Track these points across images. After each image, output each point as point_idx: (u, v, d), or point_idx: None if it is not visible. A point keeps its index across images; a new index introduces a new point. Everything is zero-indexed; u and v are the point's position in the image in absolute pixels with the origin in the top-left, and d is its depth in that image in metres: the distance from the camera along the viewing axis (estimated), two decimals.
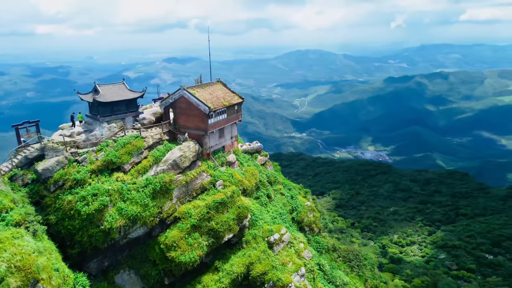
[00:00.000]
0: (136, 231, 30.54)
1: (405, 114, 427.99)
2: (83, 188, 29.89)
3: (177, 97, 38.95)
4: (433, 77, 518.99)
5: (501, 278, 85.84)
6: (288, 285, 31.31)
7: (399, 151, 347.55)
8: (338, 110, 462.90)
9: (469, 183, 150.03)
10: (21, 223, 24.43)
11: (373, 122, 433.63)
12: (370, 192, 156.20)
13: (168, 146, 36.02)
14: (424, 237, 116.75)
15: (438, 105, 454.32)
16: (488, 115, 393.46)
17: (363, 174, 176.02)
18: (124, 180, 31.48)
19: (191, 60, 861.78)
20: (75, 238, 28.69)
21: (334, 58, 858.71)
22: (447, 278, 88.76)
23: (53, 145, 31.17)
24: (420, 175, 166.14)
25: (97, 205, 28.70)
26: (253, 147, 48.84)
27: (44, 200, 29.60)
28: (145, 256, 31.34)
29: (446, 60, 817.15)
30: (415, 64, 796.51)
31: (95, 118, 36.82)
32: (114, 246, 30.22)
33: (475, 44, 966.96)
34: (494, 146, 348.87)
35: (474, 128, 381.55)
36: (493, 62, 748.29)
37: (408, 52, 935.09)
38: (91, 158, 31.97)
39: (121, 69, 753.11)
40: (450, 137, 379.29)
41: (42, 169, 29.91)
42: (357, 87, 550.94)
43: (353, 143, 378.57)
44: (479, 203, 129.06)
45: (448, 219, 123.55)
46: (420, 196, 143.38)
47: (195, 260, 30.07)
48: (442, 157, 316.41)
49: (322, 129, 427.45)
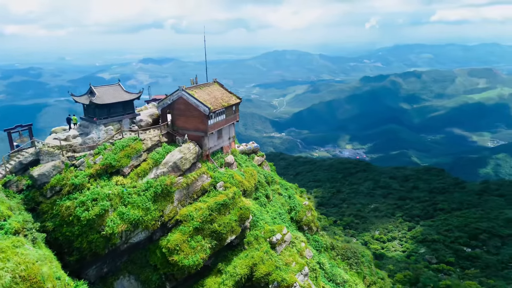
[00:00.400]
0: (137, 235, 30.10)
1: (381, 113, 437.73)
2: (81, 193, 29.15)
3: (175, 98, 38.33)
4: (407, 76, 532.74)
5: (479, 270, 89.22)
6: (293, 285, 31.40)
7: (376, 148, 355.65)
8: (316, 110, 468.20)
9: (445, 179, 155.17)
10: (20, 231, 23.72)
11: (350, 121, 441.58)
12: (351, 189, 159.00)
13: (167, 148, 35.55)
14: (404, 232, 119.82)
15: (412, 104, 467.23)
16: (459, 113, 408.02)
17: (344, 172, 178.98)
18: (124, 184, 30.93)
19: (168, 60, 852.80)
20: (73, 245, 27.98)
21: (311, 58, 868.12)
22: (428, 272, 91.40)
23: (49, 150, 30.28)
24: (399, 172, 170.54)
25: (98, 210, 28.06)
26: (250, 147, 48.81)
27: (40, 207, 28.74)
28: (145, 261, 30.81)
29: (419, 60, 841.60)
30: (389, 64, 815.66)
31: (91, 121, 35.94)
32: (114, 252, 29.66)
33: (446, 44, 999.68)
34: (466, 142, 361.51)
35: (446, 125, 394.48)
36: (463, 61, 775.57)
37: (382, 52, 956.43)
38: (88, 162, 31.17)
39: (96, 70, 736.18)
40: (424, 135, 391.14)
41: (38, 175, 29.02)
42: (334, 87, 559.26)
43: (332, 142, 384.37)
44: (456, 197, 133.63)
45: (426, 214, 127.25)
46: (399, 193, 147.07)
47: (199, 263, 29.77)
48: (417, 154, 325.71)
49: (301, 129, 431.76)
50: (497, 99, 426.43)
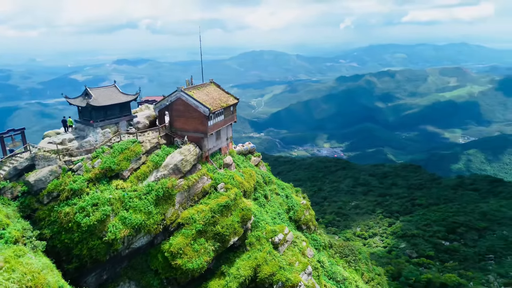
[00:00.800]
0: (139, 240, 29.64)
1: (357, 112, 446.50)
2: (81, 198, 28.44)
3: (173, 99, 37.75)
4: (381, 75, 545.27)
5: (457, 262, 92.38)
6: (298, 284, 31.56)
7: (353, 147, 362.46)
8: (294, 110, 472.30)
9: (422, 175, 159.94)
10: (19, 240, 23.08)
11: (327, 120, 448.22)
12: (332, 187, 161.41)
13: (166, 151, 35.05)
14: (385, 228, 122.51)
15: (387, 102, 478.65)
16: (431, 111, 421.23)
17: (324, 171, 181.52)
18: (124, 188, 30.34)
19: (144, 61, 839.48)
20: (72, 252, 27.26)
21: (288, 59, 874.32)
22: (409, 266, 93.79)
23: (45, 154, 29.38)
24: (378, 169, 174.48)
25: (99, 216, 27.38)
26: (246, 148, 48.76)
27: (36, 214, 27.80)
28: (146, 266, 30.29)
29: (393, 60, 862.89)
30: (364, 64, 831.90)
31: (87, 124, 35.07)
32: (115, 258, 29.07)
33: (418, 44, 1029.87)
34: (438, 139, 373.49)
35: (420, 123, 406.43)
36: (435, 61, 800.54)
37: (357, 52, 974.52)
38: (86, 166, 30.43)
39: (68, 71, 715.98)
40: (399, 132, 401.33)
41: (34, 180, 28.11)
42: (311, 87, 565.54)
43: (310, 141, 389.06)
44: (433, 193, 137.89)
45: (405, 210, 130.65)
46: (379, 190, 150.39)
47: (203, 266, 29.53)
48: (393, 151, 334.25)
49: (279, 129, 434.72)
50: (467, 97, 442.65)
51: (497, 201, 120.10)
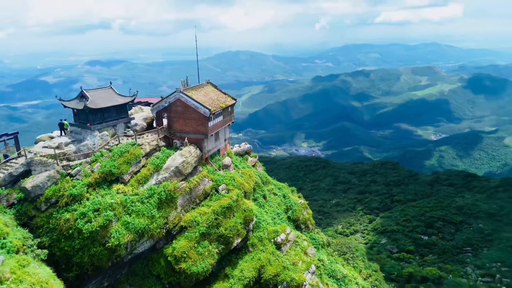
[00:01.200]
0: (142, 245, 29.16)
1: (333, 111, 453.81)
2: (81, 204, 27.72)
3: (172, 100, 37.10)
4: (356, 75, 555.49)
5: (437, 256, 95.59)
6: (303, 284, 31.71)
7: (330, 145, 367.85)
8: (271, 110, 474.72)
9: (399, 172, 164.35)
10: (20, 249, 22.38)
11: (305, 119, 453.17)
12: (313, 186, 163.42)
13: (167, 153, 34.49)
14: (366, 225, 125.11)
15: (362, 101, 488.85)
16: (405, 109, 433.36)
17: (304, 170, 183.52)
18: (125, 192, 29.76)
19: (117, 62, 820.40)
20: (72, 260, 26.59)
21: (264, 59, 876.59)
22: (391, 261, 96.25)
23: (41, 159, 28.37)
24: (357, 167, 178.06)
25: (102, 221, 26.76)
26: (243, 148, 48.66)
27: (33, 221, 26.96)
28: (147, 271, 29.81)
29: (367, 59, 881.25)
30: (339, 63, 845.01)
31: (83, 127, 34.16)
32: (116, 265, 28.52)
33: (391, 44, 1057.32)
34: (412, 136, 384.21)
35: (394, 121, 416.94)
36: (407, 60, 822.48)
37: (332, 52, 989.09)
38: (85, 170, 29.65)
39: (38, 73, 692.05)
40: (374, 130, 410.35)
41: (31, 187, 27.11)
42: (288, 87, 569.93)
43: (288, 141, 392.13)
44: (410, 189, 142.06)
45: (385, 206, 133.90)
46: (359, 187, 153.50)
47: (208, 269, 29.29)
48: (369, 149, 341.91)
49: (257, 129, 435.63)
50: (438, 95, 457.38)
51: (472, 195, 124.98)
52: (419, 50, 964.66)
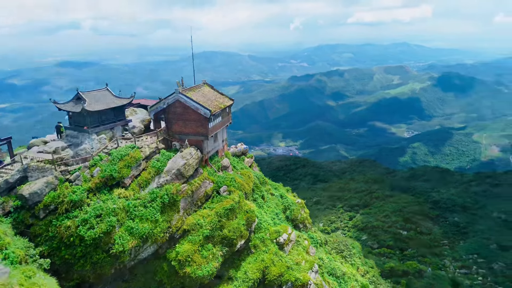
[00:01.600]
0: (146, 250, 28.75)
1: (309, 110, 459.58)
2: (81, 210, 27.05)
3: (171, 101, 36.43)
4: (331, 74, 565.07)
5: (415, 250, 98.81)
6: (308, 283, 31.95)
7: (308, 144, 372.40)
8: (248, 110, 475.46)
9: (377, 169, 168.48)
10: (23, 259, 21.72)
11: (282, 119, 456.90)
12: (293, 185, 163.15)
13: (167, 155, 33.97)
14: (346, 222, 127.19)
15: (337, 100, 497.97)
16: (378, 107, 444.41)
17: (284, 169, 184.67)
18: (127, 196, 29.21)
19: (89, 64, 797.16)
20: (73, 269, 25.94)
21: (240, 59, 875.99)
22: (372, 257, 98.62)
23: (38, 165, 27.48)
24: (335, 165, 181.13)
25: (105, 227, 26.27)
26: (239, 149, 48.63)
27: (31, 230, 26.11)
28: (149, 277, 29.28)
29: (341, 59, 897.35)
30: (314, 63, 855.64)
31: (80, 130, 33.19)
32: (119, 271, 28.03)
33: (364, 44, 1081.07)
34: (386, 134, 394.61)
35: (368, 119, 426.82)
36: (380, 60, 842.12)
37: (307, 52, 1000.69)
38: (85, 175, 28.91)
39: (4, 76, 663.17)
40: (350, 129, 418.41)
41: (29, 194, 26.20)
42: (265, 87, 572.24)
43: (265, 141, 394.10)
44: (388, 185, 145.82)
45: (364, 203, 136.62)
46: (338, 185, 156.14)
47: (212, 272, 29.09)
48: (345, 147, 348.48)
49: (235, 129, 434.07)
50: (409, 93, 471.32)
51: (447, 189, 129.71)
52: (390, 50, 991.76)
